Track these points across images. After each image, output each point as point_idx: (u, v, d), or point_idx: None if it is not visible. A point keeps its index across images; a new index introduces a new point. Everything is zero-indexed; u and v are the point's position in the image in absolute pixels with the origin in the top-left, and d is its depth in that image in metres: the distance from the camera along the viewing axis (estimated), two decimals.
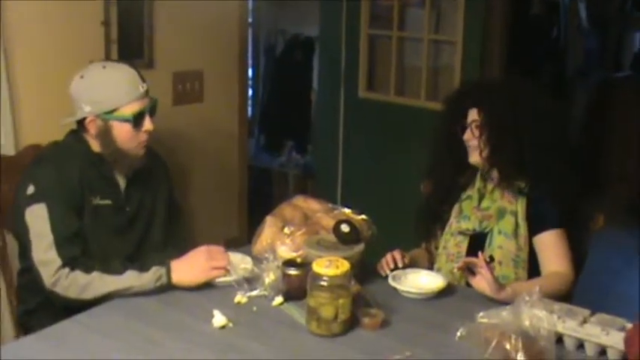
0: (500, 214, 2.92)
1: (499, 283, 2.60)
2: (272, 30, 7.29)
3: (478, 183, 3.03)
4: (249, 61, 6.10)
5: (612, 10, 8.04)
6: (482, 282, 2.62)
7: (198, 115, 4.58)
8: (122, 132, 2.81)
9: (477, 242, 2.95)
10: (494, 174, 2.97)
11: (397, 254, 2.85)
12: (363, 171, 5.55)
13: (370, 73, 5.51)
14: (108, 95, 2.79)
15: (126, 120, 2.79)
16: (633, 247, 5.73)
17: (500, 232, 2.90)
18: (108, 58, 3.80)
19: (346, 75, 5.53)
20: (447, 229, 3.07)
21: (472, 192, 3.04)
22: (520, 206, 2.90)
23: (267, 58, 7.33)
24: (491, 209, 2.94)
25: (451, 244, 3.02)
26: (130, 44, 4.02)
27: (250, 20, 6.50)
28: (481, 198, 3.01)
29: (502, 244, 2.89)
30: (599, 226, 3.00)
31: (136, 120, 2.80)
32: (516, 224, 2.89)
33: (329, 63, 5.71)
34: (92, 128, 2.83)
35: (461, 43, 4.96)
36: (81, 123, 2.86)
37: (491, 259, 2.73)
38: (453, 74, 5.04)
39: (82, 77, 2.83)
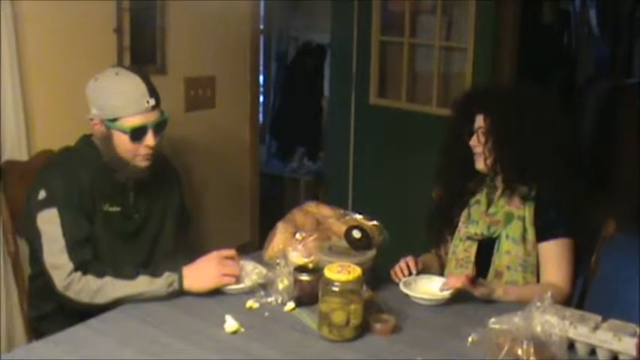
0: (508, 219, 2.92)
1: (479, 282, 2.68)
2: (283, 37, 7.30)
3: (486, 188, 3.03)
4: (261, 68, 6.10)
5: (622, 18, 8.04)
6: (452, 279, 2.70)
7: (210, 121, 4.59)
8: (121, 142, 2.81)
9: (485, 248, 2.95)
10: (499, 181, 2.97)
11: (410, 261, 2.86)
12: (375, 177, 5.55)
13: (381, 79, 5.52)
14: (112, 103, 2.79)
15: (125, 131, 2.79)
16: None
17: (507, 237, 2.90)
18: (121, 64, 3.82)
19: (357, 81, 5.54)
20: (455, 234, 3.07)
21: (481, 197, 3.04)
22: (528, 211, 2.90)
23: (278, 64, 7.34)
24: (499, 214, 2.94)
25: (460, 249, 3.02)
26: (143, 51, 4.04)
27: (262, 27, 6.51)
28: (489, 203, 3.01)
29: (510, 250, 2.89)
30: (610, 232, 2.99)
31: (135, 134, 2.79)
32: (524, 229, 2.89)
33: (340, 70, 5.72)
34: (96, 131, 2.86)
35: (472, 49, 4.96)
36: None
37: (476, 277, 2.73)
38: (464, 81, 5.04)
39: (96, 80, 2.86)
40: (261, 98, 6.77)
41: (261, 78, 6.13)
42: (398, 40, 5.36)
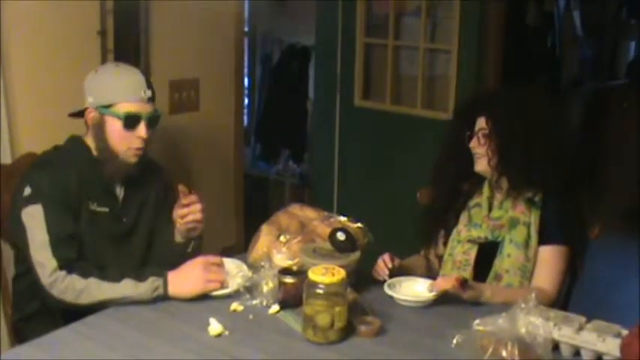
0: (513, 224, 2.91)
1: (467, 286, 2.66)
2: (268, 39, 7.30)
3: (487, 191, 3.03)
4: (246, 70, 6.10)
5: (607, 19, 8.06)
6: (440, 280, 2.70)
7: (195, 124, 4.58)
8: (113, 130, 2.83)
9: (485, 251, 2.95)
10: (503, 183, 2.97)
11: (386, 257, 2.86)
12: (359, 179, 5.55)
13: (366, 81, 5.52)
14: (108, 89, 2.83)
15: (118, 117, 2.80)
16: (630, 254, 5.74)
17: (511, 242, 2.90)
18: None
19: (342, 84, 5.54)
20: (453, 235, 3.06)
21: (481, 200, 3.04)
22: (534, 217, 2.90)
23: (263, 67, 7.34)
24: (503, 219, 2.94)
25: (458, 251, 3.01)
26: (127, 53, 4.01)
27: (246, 29, 6.51)
28: (491, 207, 3.01)
29: (511, 253, 2.89)
30: (596, 234, 3.00)
31: (128, 120, 2.81)
32: (528, 235, 2.89)
33: (325, 72, 5.72)
34: (90, 120, 2.87)
35: (456, 51, 4.97)
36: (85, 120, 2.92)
37: (465, 281, 2.72)
38: (448, 83, 5.05)
39: (96, 71, 2.92)
40: (246, 101, 6.76)
41: (245, 80, 6.13)
42: (382, 42, 5.37)
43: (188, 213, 2.87)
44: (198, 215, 2.87)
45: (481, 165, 2.95)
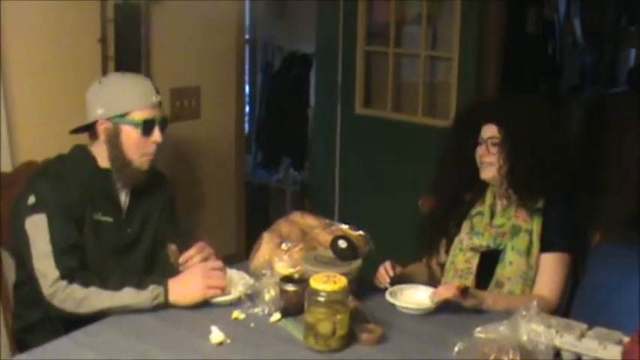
0: (515, 231, 2.91)
1: (469, 293, 2.65)
2: (269, 47, 7.31)
3: (489, 199, 3.02)
4: (247, 78, 6.10)
5: (607, 26, 8.07)
6: (442, 289, 2.68)
7: (196, 132, 4.58)
8: (130, 137, 2.84)
9: (488, 259, 2.94)
10: (511, 192, 2.96)
11: (387, 265, 2.85)
12: (360, 187, 5.55)
13: (367, 89, 5.52)
14: (121, 99, 2.85)
15: (136, 125, 2.82)
16: (631, 261, 5.72)
17: (513, 249, 2.89)
18: (105, 75, 3.80)
19: (343, 91, 5.54)
20: (455, 244, 3.05)
21: (483, 208, 3.03)
22: (536, 225, 2.89)
23: (264, 74, 7.34)
24: (505, 227, 2.94)
25: (460, 259, 3.00)
26: (127, 61, 4.02)
27: (247, 37, 6.52)
28: (493, 214, 3.01)
29: (513, 261, 2.88)
30: (597, 241, 3.00)
31: (146, 127, 2.84)
32: (530, 243, 2.89)
33: (326, 79, 5.72)
34: (102, 132, 2.86)
35: (457, 59, 4.97)
36: (92, 132, 2.90)
37: (466, 288, 2.71)
38: (449, 90, 5.05)
39: (100, 82, 2.92)
40: (247, 108, 6.76)
41: (246, 88, 6.13)
42: (383, 49, 5.37)
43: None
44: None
45: (489, 173, 2.93)
